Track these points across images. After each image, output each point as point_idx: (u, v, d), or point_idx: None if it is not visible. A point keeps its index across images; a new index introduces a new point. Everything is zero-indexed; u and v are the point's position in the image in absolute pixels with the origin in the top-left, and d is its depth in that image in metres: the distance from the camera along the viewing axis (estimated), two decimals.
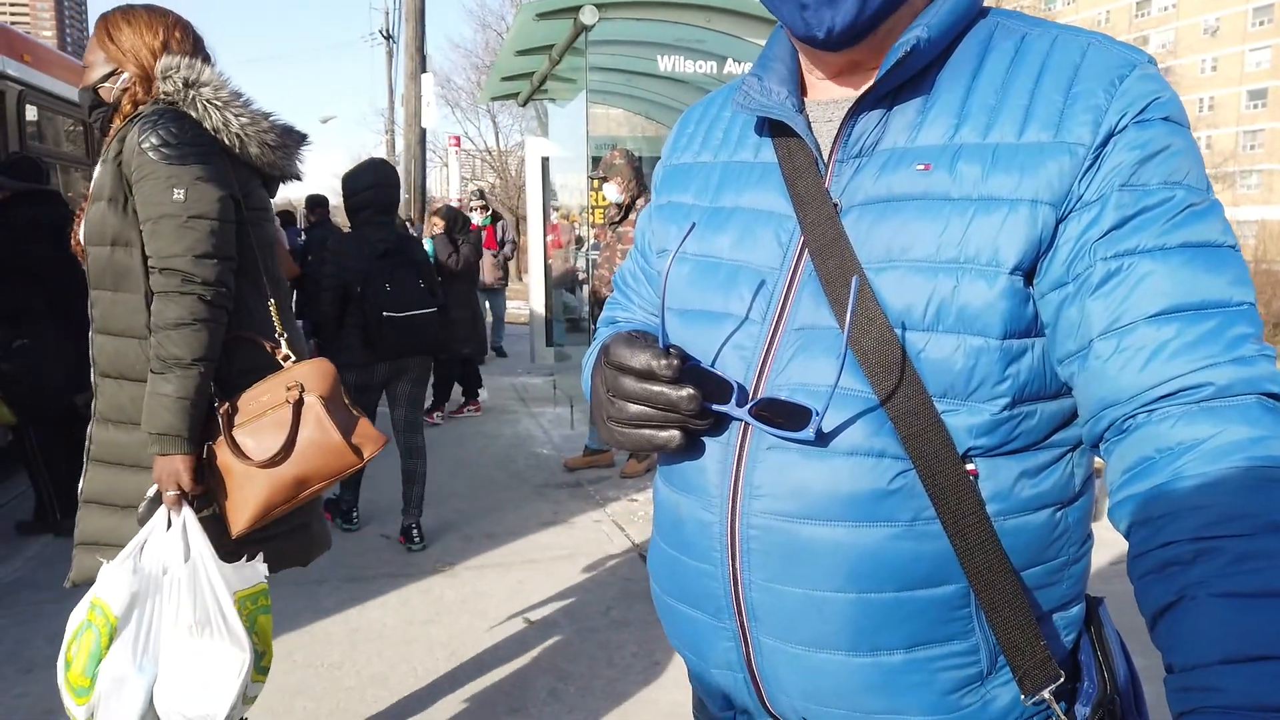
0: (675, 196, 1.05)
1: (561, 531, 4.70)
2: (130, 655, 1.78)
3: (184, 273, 1.89)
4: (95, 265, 1.97)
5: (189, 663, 1.78)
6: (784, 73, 0.95)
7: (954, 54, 0.88)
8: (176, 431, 1.87)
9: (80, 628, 1.81)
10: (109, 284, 1.96)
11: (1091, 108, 0.80)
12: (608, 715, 2.91)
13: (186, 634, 1.79)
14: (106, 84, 2.04)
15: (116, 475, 1.98)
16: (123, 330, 1.96)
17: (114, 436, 1.97)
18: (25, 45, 6.18)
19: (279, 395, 1.96)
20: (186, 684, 1.78)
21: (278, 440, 1.91)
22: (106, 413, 1.99)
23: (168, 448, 1.87)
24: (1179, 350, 0.76)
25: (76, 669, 1.78)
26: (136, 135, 1.91)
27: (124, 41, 2.03)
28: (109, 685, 1.76)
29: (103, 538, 1.98)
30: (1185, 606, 0.70)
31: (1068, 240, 0.81)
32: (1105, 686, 0.89)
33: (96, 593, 1.82)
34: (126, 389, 1.96)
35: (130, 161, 1.90)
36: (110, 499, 1.98)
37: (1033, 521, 0.85)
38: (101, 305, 1.98)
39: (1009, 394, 0.82)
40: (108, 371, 1.99)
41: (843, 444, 0.83)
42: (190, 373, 1.88)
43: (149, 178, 1.89)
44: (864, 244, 0.85)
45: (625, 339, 0.89)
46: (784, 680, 0.89)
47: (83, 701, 1.77)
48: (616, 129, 9.67)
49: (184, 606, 1.80)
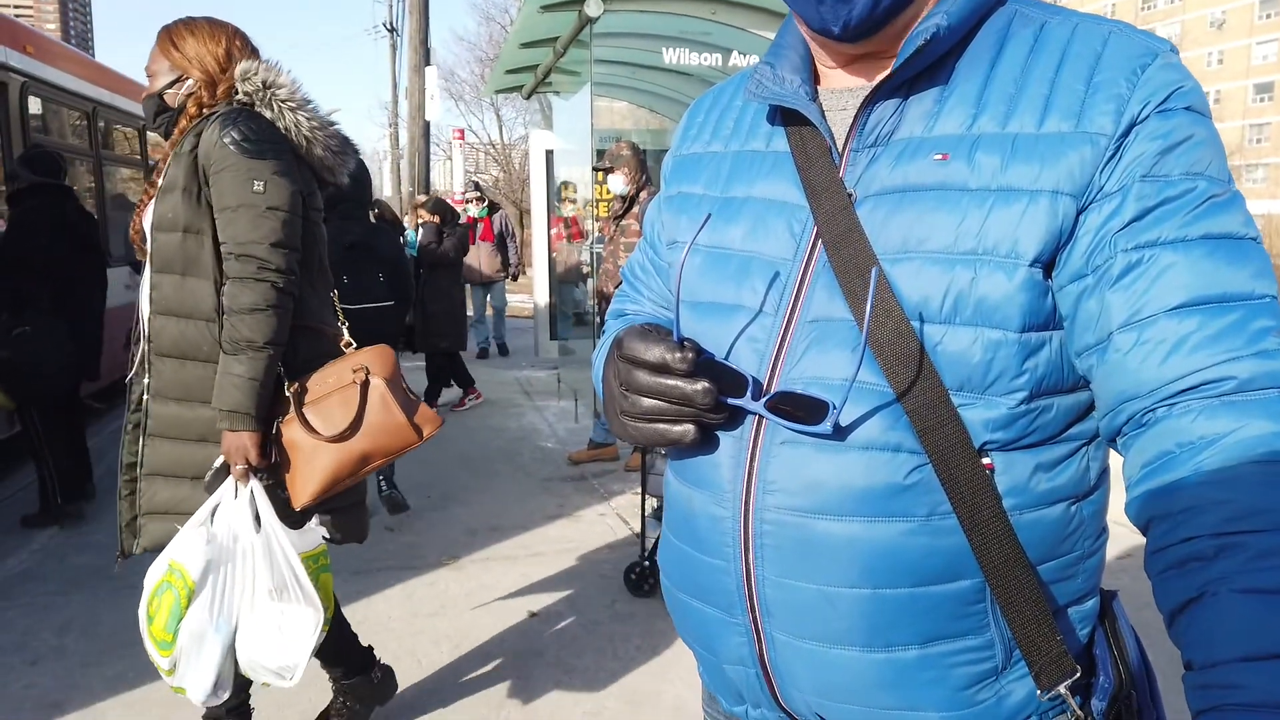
0: (685, 187, 1.04)
1: (566, 525, 4.70)
2: (208, 615, 1.98)
3: (260, 260, 2.05)
4: (164, 251, 2.10)
5: (269, 623, 2.00)
6: (796, 60, 0.93)
7: (972, 42, 0.87)
8: (246, 409, 2.03)
9: (160, 586, 1.98)
10: (178, 269, 2.10)
11: (1114, 97, 0.79)
12: (612, 708, 2.91)
13: (266, 598, 2.01)
14: (171, 90, 2.21)
15: (181, 449, 2.13)
16: (190, 313, 2.10)
17: (177, 412, 2.12)
18: (29, 37, 6.18)
19: (345, 377, 2.14)
20: (266, 641, 2.00)
21: (346, 418, 2.09)
22: (167, 390, 2.12)
23: (237, 424, 2.03)
24: (1200, 343, 0.75)
25: (158, 624, 1.97)
26: (217, 131, 2.07)
27: (189, 50, 2.21)
28: (189, 641, 1.97)
29: (174, 507, 2.14)
30: (1206, 603, 0.69)
31: (1088, 231, 0.79)
32: (1121, 681, 0.88)
33: (173, 555, 1.99)
34: (190, 368, 2.11)
35: (209, 155, 2.06)
36: (176, 471, 2.14)
37: (1048, 516, 0.84)
38: (166, 289, 2.11)
39: (1026, 388, 0.81)
40: (169, 352, 2.12)
41: (858, 438, 0.82)
42: (261, 355, 2.04)
43: (229, 169, 2.05)
44: (879, 235, 0.84)
45: (639, 332, 0.88)
46: (797, 676, 0.88)
47: (166, 654, 1.97)
48: (621, 122, 9.65)
49: (261, 573, 2.02)
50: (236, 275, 2.05)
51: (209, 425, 2.09)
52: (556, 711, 2.89)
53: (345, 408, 2.10)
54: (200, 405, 2.10)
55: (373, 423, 2.11)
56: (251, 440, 2.04)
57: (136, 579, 3.82)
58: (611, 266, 5.29)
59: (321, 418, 2.10)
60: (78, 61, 7.11)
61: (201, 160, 2.08)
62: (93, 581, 3.85)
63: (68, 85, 6.65)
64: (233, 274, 2.05)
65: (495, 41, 28.06)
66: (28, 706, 2.88)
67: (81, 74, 6.97)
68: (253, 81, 2.17)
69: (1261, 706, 0.64)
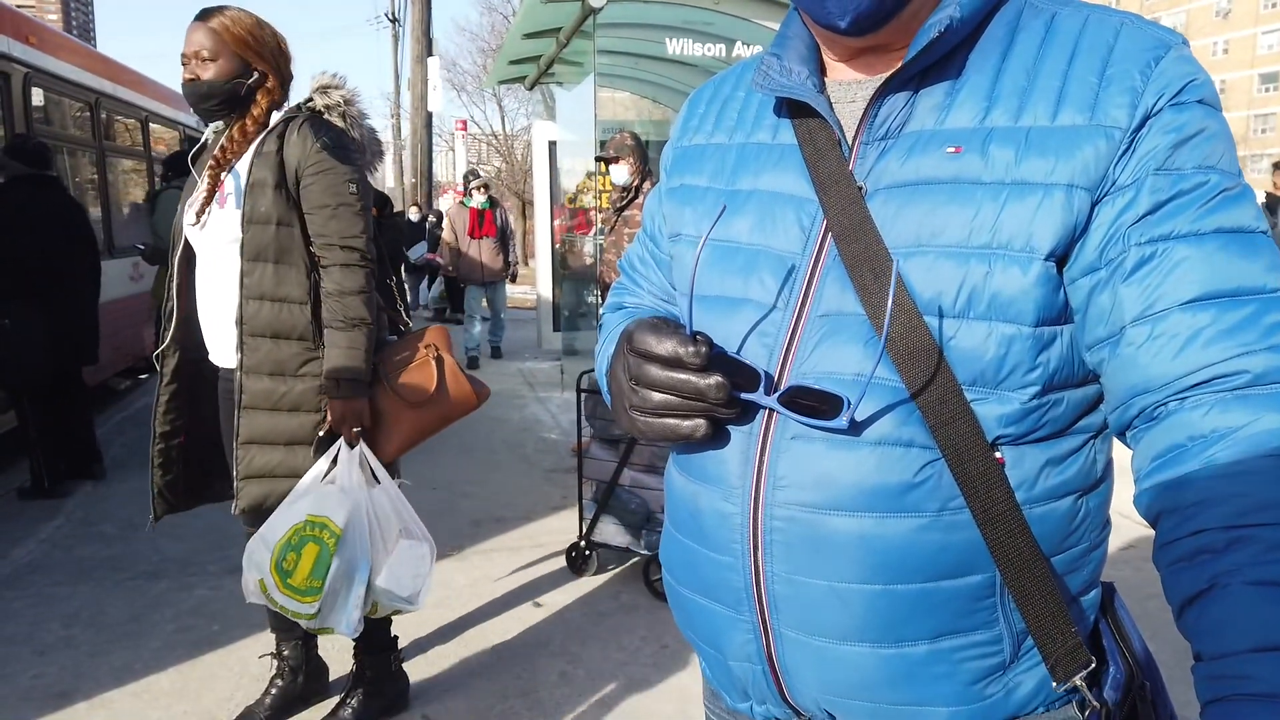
0: (689, 179, 1.03)
1: (570, 515, 4.70)
2: (355, 557, 2.30)
3: (361, 250, 2.35)
4: (257, 240, 2.30)
5: (401, 560, 2.37)
6: (803, 51, 0.93)
7: (983, 34, 0.86)
8: (360, 377, 2.34)
9: (296, 541, 2.24)
10: (271, 257, 2.31)
11: (1128, 89, 0.79)
12: (618, 699, 2.92)
13: (397, 537, 2.38)
14: (240, 79, 2.34)
15: (275, 418, 2.36)
16: (285, 297, 2.33)
17: (271, 386, 2.35)
18: (31, 27, 6.16)
19: (417, 352, 2.50)
20: (399, 576, 2.36)
21: (426, 386, 2.46)
22: (261, 367, 2.34)
23: (353, 392, 2.33)
24: (1214, 337, 0.75)
25: (300, 576, 2.24)
26: (310, 136, 2.31)
27: (266, 44, 2.38)
28: (338, 583, 2.27)
29: (270, 470, 2.38)
30: (1216, 595, 0.69)
31: (1101, 225, 0.79)
32: (1132, 671, 0.89)
33: (310, 512, 2.27)
34: (284, 346, 2.34)
35: (305, 157, 2.29)
36: (270, 438, 2.37)
37: (1057, 509, 0.84)
38: (258, 275, 2.31)
39: (1039, 382, 0.81)
40: (263, 332, 2.33)
41: (871, 433, 0.82)
42: (368, 330, 2.35)
43: (329, 171, 2.31)
44: (891, 228, 0.83)
45: (650, 325, 0.87)
46: (805, 673, 0.88)
47: (312, 600, 2.25)
48: (624, 112, 9.63)
49: (391, 518, 2.38)
50: (342, 263, 2.33)
51: (302, 396, 2.35)
52: (562, 702, 2.90)
53: (426, 379, 2.47)
54: (293, 379, 2.35)
55: (447, 391, 2.49)
56: (363, 405, 2.35)
57: (142, 569, 3.86)
58: (613, 257, 5.29)
59: (408, 387, 2.45)
60: (80, 53, 7.09)
61: (291, 161, 2.30)
62: (100, 572, 3.86)
63: (70, 76, 6.64)
64: (338, 262, 2.33)
65: (498, 32, 27.96)
66: (35, 696, 2.90)
67: (84, 65, 6.96)
68: (332, 96, 2.40)
69: (1271, 697, 0.65)
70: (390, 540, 2.37)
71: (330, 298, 2.33)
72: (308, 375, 2.36)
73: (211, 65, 2.31)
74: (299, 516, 2.27)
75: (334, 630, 2.31)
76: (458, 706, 2.87)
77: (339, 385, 2.32)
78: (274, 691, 2.75)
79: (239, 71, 2.33)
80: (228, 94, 2.33)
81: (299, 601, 2.25)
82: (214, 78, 2.31)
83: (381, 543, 2.36)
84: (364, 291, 2.34)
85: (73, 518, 4.59)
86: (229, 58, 2.32)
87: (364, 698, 2.71)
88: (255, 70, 2.36)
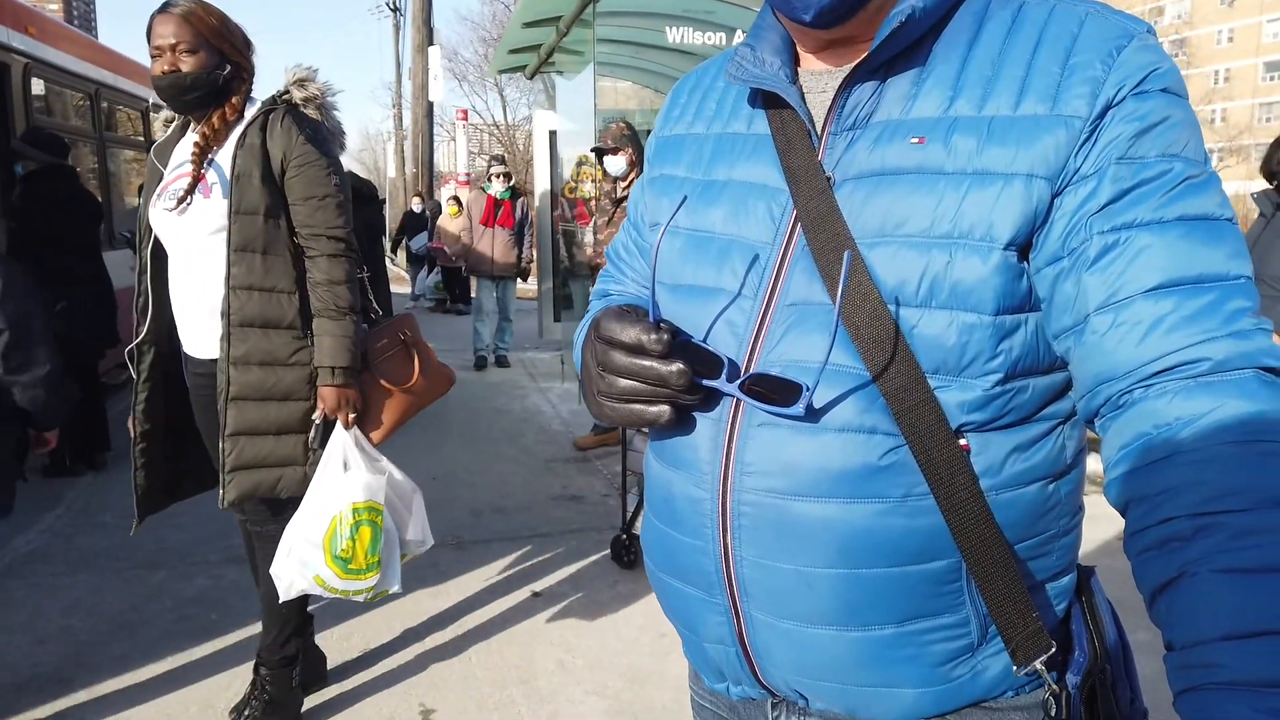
0: (667, 169, 1.04)
1: (569, 505, 4.72)
2: (392, 525, 2.49)
3: (347, 241, 2.39)
4: (245, 231, 2.30)
5: (416, 513, 2.60)
6: (777, 42, 0.93)
7: (950, 23, 0.86)
8: (354, 364, 2.38)
9: (350, 528, 2.35)
10: (259, 247, 2.32)
11: (1089, 79, 0.79)
12: (615, 686, 2.94)
13: (410, 494, 2.60)
14: (218, 72, 2.34)
15: (265, 408, 2.37)
16: (273, 286, 2.34)
17: (261, 376, 2.36)
18: (31, 17, 6.15)
19: (395, 340, 2.57)
20: (414, 525, 2.59)
21: (408, 372, 2.56)
22: (251, 357, 2.34)
23: (348, 379, 2.38)
24: (1176, 324, 0.75)
25: (359, 559, 2.37)
26: (291, 127, 2.32)
27: (237, 37, 2.38)
28: (387, 551, 2.45)
29: (260, 460, 2.40)
30: (1185, 583, 0.70)
31: (1064, 214, 0.80)
32: (1095, 655, 0.89)
33: (354, 500, 2.36)
34: (273, 336, 2.35)
35: (289, 149, 2.31)
36: (260, 428, 2.38)
37: (1024, 495, 0.85)
38: (246, 264, 2.31)
39: (1001, 370, 0.81)
40: (252, 322, 2.33)
41: (834, 420, 0.82)
42: (357, 318, 2.39)
43: (313, 164, 2.33)
44: (857, 218, 0.84)
45: (615, 313, 0.88)
46: (776, 654, 0.89)
47: (369, 576, 2.40)
48: (625, 102, 9.59)
49: (401, 482, 2.57)
50: (329, 253, 2.36)
51: (293, 385, 2.38)
52: (559, 691, 2.91)
53: (407, 364, 2.56)
54: (282, 368, 2.37)
55: (427, 375, 2.60)
56: (356, 391, 2.41)
57: (142, 559, 3.87)
58: None
59: (392, 372, 2.53)
60: (81, 43, 7.09)
61: (276, 153, 2.31)
62: (99, 562, 3.88)
63: (70, 67, 6.63)
64: (325, 252, 2.35)
65: (499, 21, 27.91)
66: (35, 685, 2.91)
67: (84, 55, 6.96)
68: (309, 89, 2.41)
69: (1242, 685, 0.65)
70: (407, 500, 2.57)
71: (319, 287, 2.36)
72: (297, 364, 2.38)
73: (190, 58, 2.29)
74: (338, 507, 2.35)
75: (388, 591, 2.50)
76: (455, 695, 2.88)
77: (333, 373, 2.34)
78: None
79: (216, 63, 2.33)
80: (209, 85, 2.33)
81: (360, 581, 2.39)
82: (194, 69, 2.30)
83: (401, 504, 2.55)
84: (352, 280, 2.38)
85: (73, 507, 4.61)
86: (206, 49, 2.32)
87: (262, 715, 2.64)
88: (229, 61, 2.36)
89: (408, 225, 14.72)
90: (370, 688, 2.93)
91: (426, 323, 11.83)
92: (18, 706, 2.79)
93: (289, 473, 2.43)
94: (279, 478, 2.42)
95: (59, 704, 2.81)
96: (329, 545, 2.34)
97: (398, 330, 2.60)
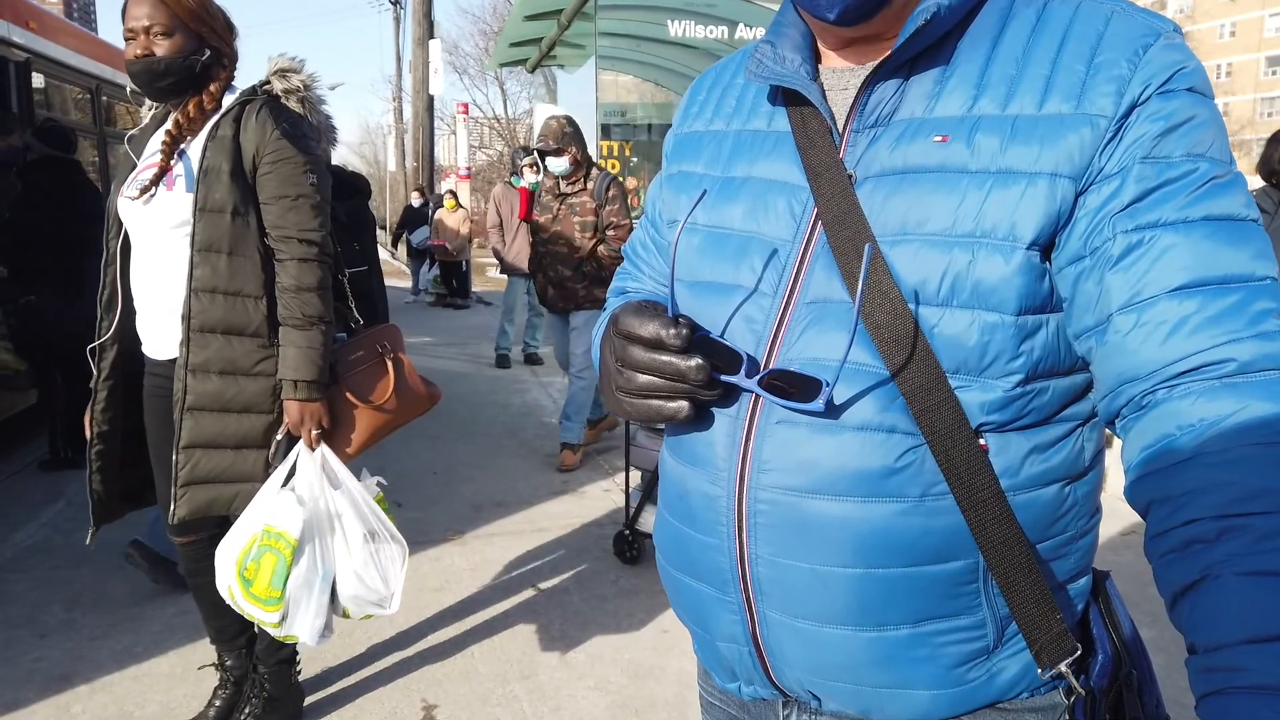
0: (686, 165, 1.03)
1: (571, 500, 4.72)
2: (314, 565, 2.21)
3: (320, 245, 2.22)
4: (210, 230, 2.15)
5: (367, 563, 2.27)
6: (798, 39, 0.92)
7: (974, 21, 0.86)
8: (319, 378, 2.21)
9: (253, 551, 2.17)
10: (224, 247, 2.17)
11: (1114, 78, 0.78)
12: (617, 681, 2.94)
13: (361, 542, 2.26)
14: (195, 57, 2.19)
15: (224, 420, 2.22)
16: (239, 290, 2.19)
17: (220, 386, 2.20)
18: (31, 12, 6.14)
19: (373, 352, 2.41)
20: (367, 579, 2.27)
21: (386, 389, 2.39)
22: (211, 365, 2.19)
23: (312, 393, 2.21)
24: (1201, 325, 0.74)
25: (260, 585, 2.16)
26: (269, 122, 2.17)
27: (217, 21, 2.24)
28: (299, 592, 2.19)
29: (216, 475, 2.24)
30: (1209, 586, 0.69)
31: (1087, 213, 0.79)
32: (1120, 659, 0.89)
33: (266, 521, 2.16)
34: (236, 344, 2.20)
35: (263, 143, 2.17)
36: (218, 441, 2.23)
37: (1042, 496, 0.84)
38: (210, 265, 2.16)
39: (1022, 370, 0.81)
40: (215, 328, 2.18)
41: (853, 419, 0.82)
42: (327, 329, 2.23)
43: (288, 161, 2.18)
44: (879, 216, 0.83)
45: (634, 308, 0.87)
46: (789, 654, 0.89)
47: (274, 609, 2.18)
48: (625, 95, 9.58)
49: (353, 522, 2.26)
50: (300, 257, 2.19)
51: (255, 397, 2.21)
52: (561, 686, 2.91)
53: (382, 380, 2.39)
54: (244, 378, 2.20)
55: (404, 392, 2.42)
56: (323, 406, 2.24)
57: None
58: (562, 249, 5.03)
59: (363, 387, 2.36)
60: (81, 37, 7.07)
61: (248, 148, 2.17)
62: (101, 555, 3.87)
63: (71, 62, 6.62)
64: (295, 256, 2.19)
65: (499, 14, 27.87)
66: (37, 679, 2.91)
67: (85, 50, 6.94)
68: (291, 80, 2.27)
69: (1266, 689, 0.64)
70: (355, 546, 2.27)
71: (286, 293, 2.20)
72: (261, 375, 2.22)
73: (166, 41, 2.14)
74: (257, 526, 2.18)
75: (299, 639, 2.26)
76: (458, 690, 2.88)
77: (296, 386, 2.19)
78: (217, 703, 2.64)
79: (194, 48, 2.18)
80: (185, 71, 2.18)
81: (263, 610, 2.20)
82: (170, 54, 2.15)
83: (345, 548, 2.26)
84: (322, 287, 2.22)
85: (74, 501, 4.60)
86: (184, 33, 2.16)
87: (262, 713, 2.60)
88: (208, 46, 2.21)
89: (407, 220, 14.71)
90: (372, 683, 2.92)
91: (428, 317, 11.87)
92: (20, 700, 2.79)
93: (246, 489, 2.25)
94: (235, 494, 2.25)
95: (61, 698, 2.81)
96: (240, 560, 2.19)
97: (376, 342, 2.43)
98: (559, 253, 5.07)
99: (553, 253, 5.10)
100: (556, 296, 5.16)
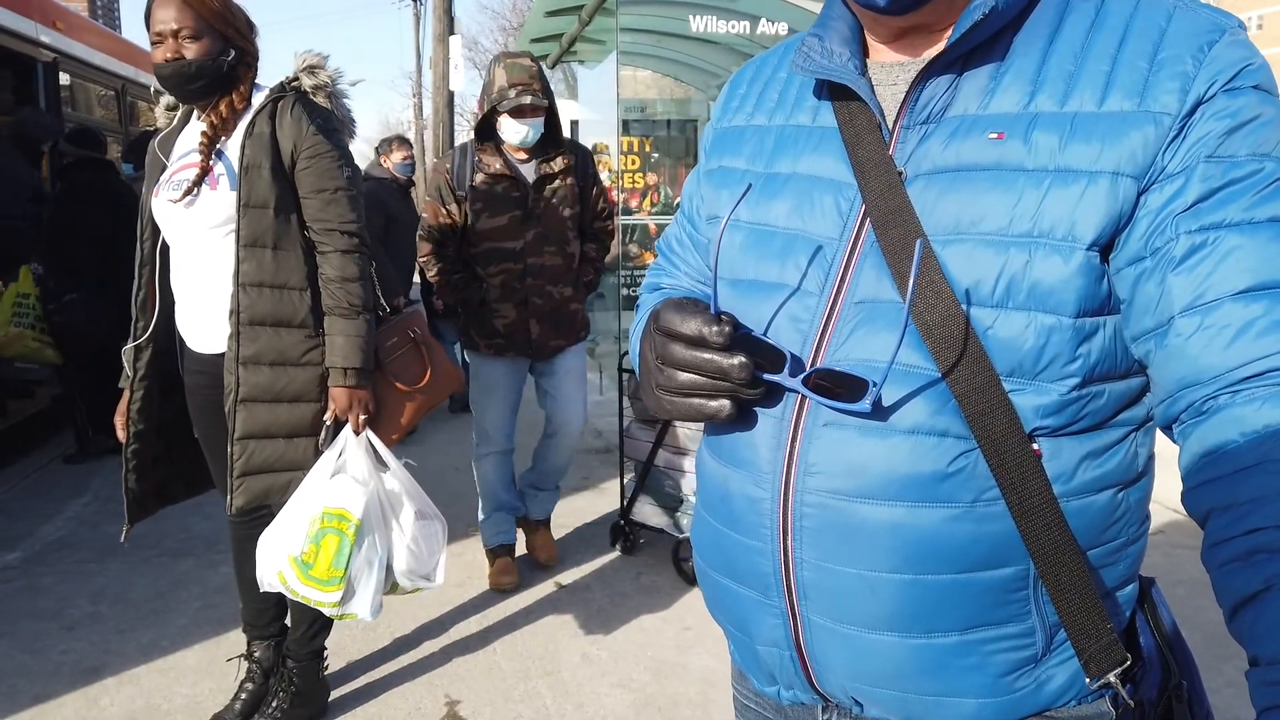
0: (727, 161, 1.01)
1: (592, 496, 4.72)
2: (374, 544, 2.30)
3: (360, 237, 2.30)
4: (254, 226, 2.21)
5: (417, 539, 2.38)
6: (845, 32, 0.90)
7: (1030, 16, 0.84)
8: (366, 365, 2.30)
9: (312, 535, 2.23)
10: (269, 242, 2.23)
11: (1179, 75, 0.76)
12: (640, 679, 2.93)
13: (414, 519, 2.38)
14: (223, 58, 2.23)
15: (276, 410, 2.29)
16: (284, 283, 2.25)
17: (272, 377, 2.27)
18: (58, 12, 6.20)
19: (405, 338, 2.51)
20: (419, 554, 2.38)
21: (423, 372, 2.50)
22: (261, 357, 2.25)
23: (360, 380, 2.29)
24: (1267, 329, 0.72)
25: (321, 567, 2.23)
26: (302, 116, 2.23)
27: (240, 21, 2.27)
28: (361, 571, 2.28)
29: (270, 465, 2.31)
30: (1273, 596, 0.67)
31: (1149, 213, 0.77)
32: (1171, 670, 0.87)
33: (327, 504, 2.23)
34: (285, 335, 2.26)
35: (300, 139, 2.23)
36: (271, 431, 2.30)
37: (1095, 503, 0.82)
38: (256, 260, 2.22)
39: (1079, 374, 0.79)
40: (263, 320, 2.24)
41: (903, 421, 0.80)
42: (370, 316, 2.31)
43: (325, 155, 2.25)
44: (930, 215, 0.81)
45: (676, 305, 0.86)
46: (833, 660, 0.87)
47: (335, 589, 2.24)
48: (646, 91, 9.54)
49: (404, 501, 2.38)
50: (342, 249, 2.27)
51: (304, 386, 2.29)
52: (584, 683, 2.91)
53: (418, 363, 2.50)
54: (293, 368, 2.27)
55: (439, 374, 2.53)
56: (369, 392, 2.32)
57: (169, 547, 3.90)
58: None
59: (403, 372, 2.47)
60: (106, 37, 7.13)
61: (286, 144, 2.23)
62: (127, 549, 3.91)
63: (97, 62, 6.67)
64: (338, 248, 2.27)
65: (519, 10, 27.87)
66: (64, 672, 2.94)
67: (110, 50, 7.00)
68: (319, 76, 2.33)
69: None
70: (406, 523, 2.37)
71: (331, 284, 2.26)
72: (309, 364, 2.28)
73: (194, 44, 2.17)
74: (315, 509, 2.24)
75: (356, 616, 2.31)
76: (480, 686, 2.88)
77: (346, 374, 2.26)
78: (244, 696, 2.66)
79: (220, 49, 2.21)
80: (214, 72, 2.21)
81: (322, 591, 2.25)
82: (199, 56, 2.18)
83: (397, 526, 2.36)
84: (366, 278, 2.30)
85: (100, 495, 4.65)
86: (210, 34, 2.19)
87: (290, 706, 2.62)
88: (232, 46, 2.24)
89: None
90: (396, 678, 2.93)
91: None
92: (49, 692, 2.81)
93: (298, 477, 2.31)
94: (289, 481, 2.31)
95: (89, 690, 2.83)
96: (296, 546, 2.25)
97: (407, 328, 2.52)
98: (548, 267, 3.45)
99: (536, 268, 3.44)
100: (548, 332, 3.52)
